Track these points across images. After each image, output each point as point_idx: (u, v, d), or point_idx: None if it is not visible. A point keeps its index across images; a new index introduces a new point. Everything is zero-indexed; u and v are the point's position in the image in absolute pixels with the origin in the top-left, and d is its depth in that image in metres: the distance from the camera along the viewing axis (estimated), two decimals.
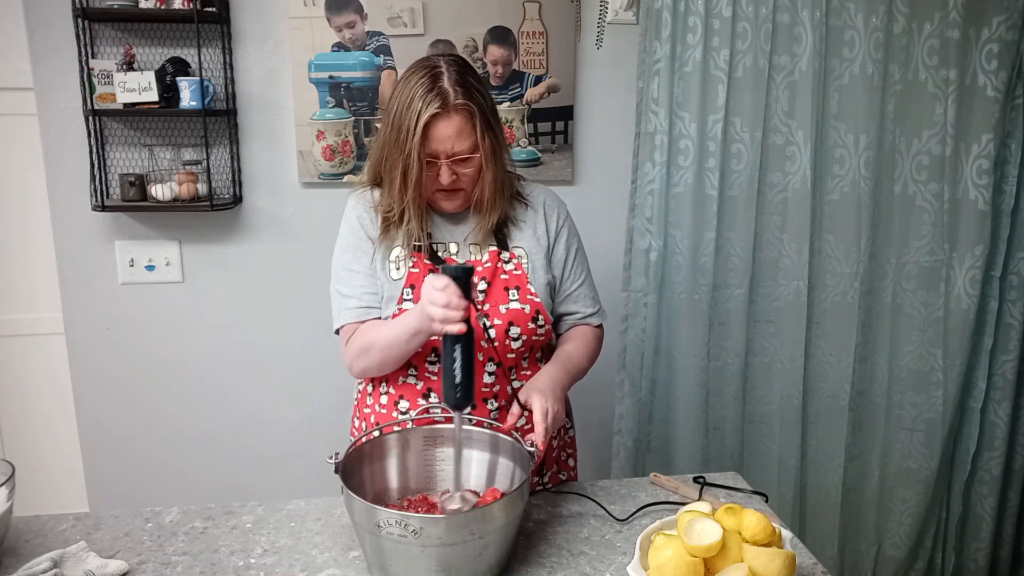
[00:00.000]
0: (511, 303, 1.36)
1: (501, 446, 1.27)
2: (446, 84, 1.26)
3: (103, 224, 2.07)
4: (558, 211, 1.46)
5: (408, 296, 1.34)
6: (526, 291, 1.38)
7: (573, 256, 1.46)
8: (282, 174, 2.12)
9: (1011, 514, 2.41)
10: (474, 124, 1.27)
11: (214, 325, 2.18)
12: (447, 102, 1.25)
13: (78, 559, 1.14)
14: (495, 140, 1.32)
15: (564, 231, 1.46)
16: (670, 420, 2.21)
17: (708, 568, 1.03)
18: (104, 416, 2.18)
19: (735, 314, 2.16)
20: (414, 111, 1.25)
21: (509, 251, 1.40)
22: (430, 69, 1.28)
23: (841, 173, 2.13)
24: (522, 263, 1.39)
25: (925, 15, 2.05)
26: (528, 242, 1.41)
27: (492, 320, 1.35)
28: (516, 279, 1.38)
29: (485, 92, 1.31)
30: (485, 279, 1.36)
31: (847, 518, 2.35)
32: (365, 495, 1.12)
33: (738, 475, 1.47)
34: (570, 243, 1.46)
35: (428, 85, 1.26)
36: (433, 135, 1.26)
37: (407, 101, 1.26)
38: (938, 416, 2.28)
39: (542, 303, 1.38)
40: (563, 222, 1.46)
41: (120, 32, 1.98)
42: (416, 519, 1.03)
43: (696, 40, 1.98)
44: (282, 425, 2.25)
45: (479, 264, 1.38)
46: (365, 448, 1.24)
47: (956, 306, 2.22)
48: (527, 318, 1.37)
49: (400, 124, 1.27)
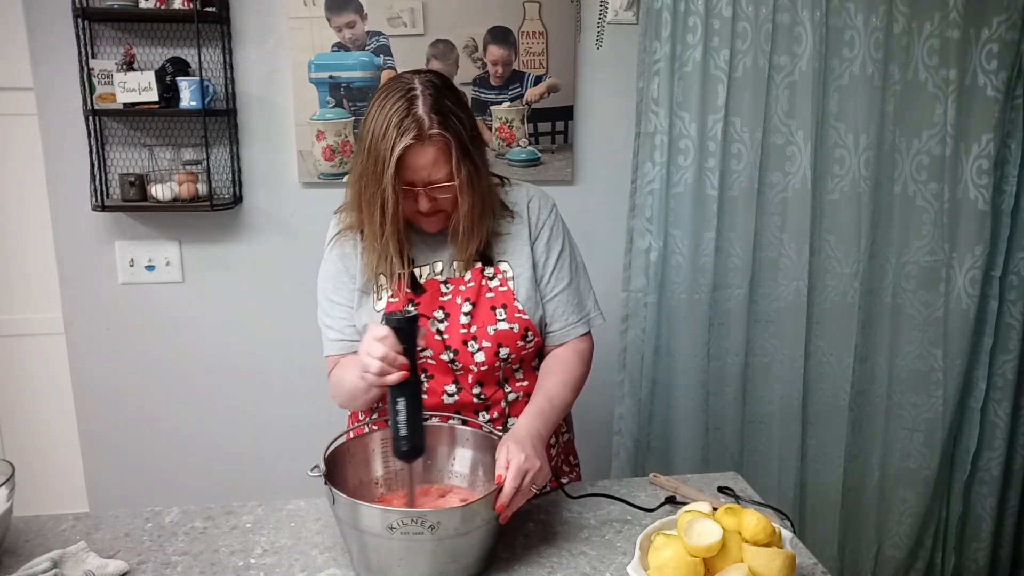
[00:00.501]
0: (499, 323, 1.33)
1: (489, 445, 1.26)
2: (421, 111, 1.20)
3: (103, 224, 2.07)
4: (540, 211, 1.40)
5: None
6: (513, 309, 1.34)
7: (556, 257, 1.39)
8: (282, 174, 2.12)
9: (1011, 514, 2.41)
10: (450, 154, 1.23)
11: (214, 325, 2.18)
12: (422, 132, 1.20)
13: (78, 559, 1.14)
14: (472, 168, 1.26)
15: (545, 231, 1.39)
16: (670, 420, 2.21)
17: (708, 568, 1.03)
18: (104, 416, 2.18)
19: (735, 314, 2.16)
20: (388, 141, 1.20)
21: (494, 266, 1.36)
22: (405, 92, 1.22)
23: (841, 173, 2.13)
24: (507, 278, 1.35)
25: (925, 15, 2.05)
26: (514, 254, 1.37)
27: (480, 343, 1.32)
28: (502, 296, 1.34)
29: (464, 116, 1.26)
30: (470, 300, 1.33)
31: (847, 518, 2.35)
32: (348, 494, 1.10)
33: (738, 475, 1.47)
34: (552, 244, 1.39)
35: (403, 111, 1.20)
36: (408, 164, 1.22)
37: (382, 130, 1.21)
38: (938, 416, 2.28)
39: (531, 320, 1.34)
40: (544, 221, 1.39)
41: (120, 32, 1.98)
42: (433, 514, 1.03)
43: (696, 40, 1.98)
44: (282, 425, 2.25)
45: (461, 283, 1.34)
46: (342, 449, 1.23)
47: (956, 306, 2.22)
48: (516, 337, 1.33)
49: (376, 154, 1.22)
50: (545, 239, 1.39)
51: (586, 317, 1.42)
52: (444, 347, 1.32)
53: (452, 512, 1.05)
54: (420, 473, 1.26)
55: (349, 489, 1.17)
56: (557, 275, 1.39)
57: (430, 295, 1.34)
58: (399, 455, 1.15)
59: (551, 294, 1.39)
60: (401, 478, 1.27)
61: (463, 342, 1.32)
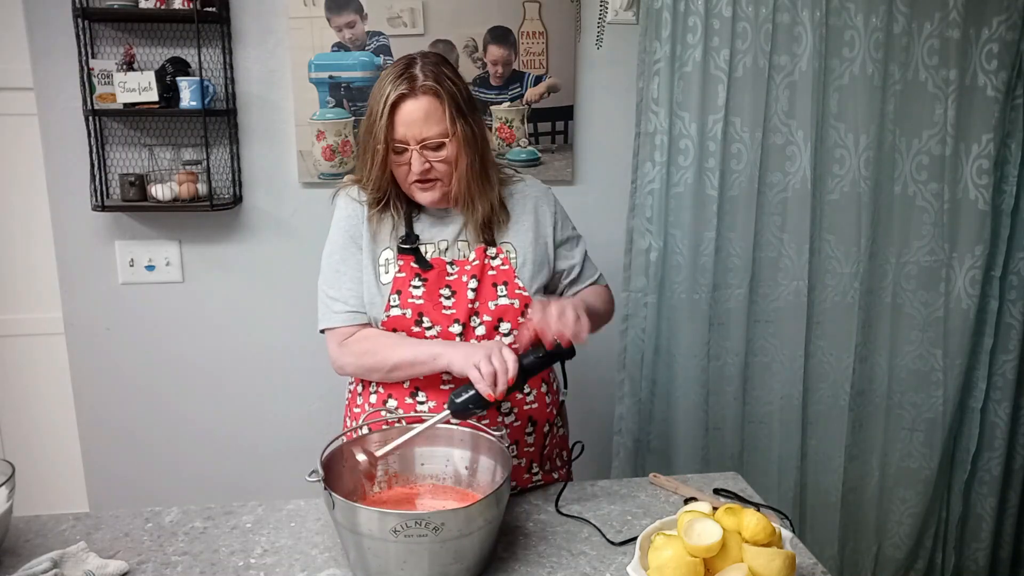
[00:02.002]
0: (500, 299, 1.37)
1: (482, 444, 1.26)
2: (416, 70, 1.28)
3: (103, 224, 2.07)
4: (546, 203, 1.47)
5: (395, 303, 1.34)
6: (514, 286, 1.38)
7: (574, 243, 1.50)
8: (282, 174, 2.12)
9: (1011, 514, 2.41)
10: (443, 108, 1.27)
11: (214, 325, 2.18)
12: (414, 84, 1.26)
13: (78, 559, 1.14)
14: (470, 128, 1.31)
15: (559, 223, 1.47)
16: (670, 420, 2.21)
17: (708, 568, 1.03)
18: (104, 416, 2.18)
19: (735, 314, 2.16)
20: (383, 94, 1.27)
21: (496, 246, 1.40)
22: (405, 59, 1.31)
23: (841, 173, 2.13)
24: (510, 258, 1.39)
25: (925, 15, 2.05)
26: (518, 238, 1.41)
27: (482, 317, 1.36)
28: (504, 274, 1.38)
29: (460, 82, 1.32)
30: (476, 277, 1.37)
31: (847, 518, 2.35)
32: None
33: (738, 475, 1.47)
34: (563, 231, 1.48)
35: (400, 71, 1.28)
36: (400, 118, 1.27)
37: (379, 88, 1.29)
38: (938, 416, 2.28)
39: (531, 297, 1.38)
40: (555, 213, 1.47)
41: (120, 32, 1.98)
42: (436, 516, 1.03)
43: (696, 40, 1.98)
44: (282, 425, 2.25)
45: (467, 263, 1.38)
46: (338, 452, 1.22)
47: (956, 306, 2.22)
48: (516, 312, 1.37)
49: (371, 110, 1.29)
50: (561, 222, 1.48)
51: (600, 275, 1.56)
52: (453, 321, 1.34)
53: (455, 513, 1.05)
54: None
55: (346, 491, 1.17)
56: (578, 248, 1.52)
57: (437, 272, 1.37)
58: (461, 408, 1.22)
59: (574, 273, 1.50)
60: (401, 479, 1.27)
61: (468, 317, 1.35)
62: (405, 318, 1.34)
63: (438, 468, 1.28)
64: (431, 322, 1.35)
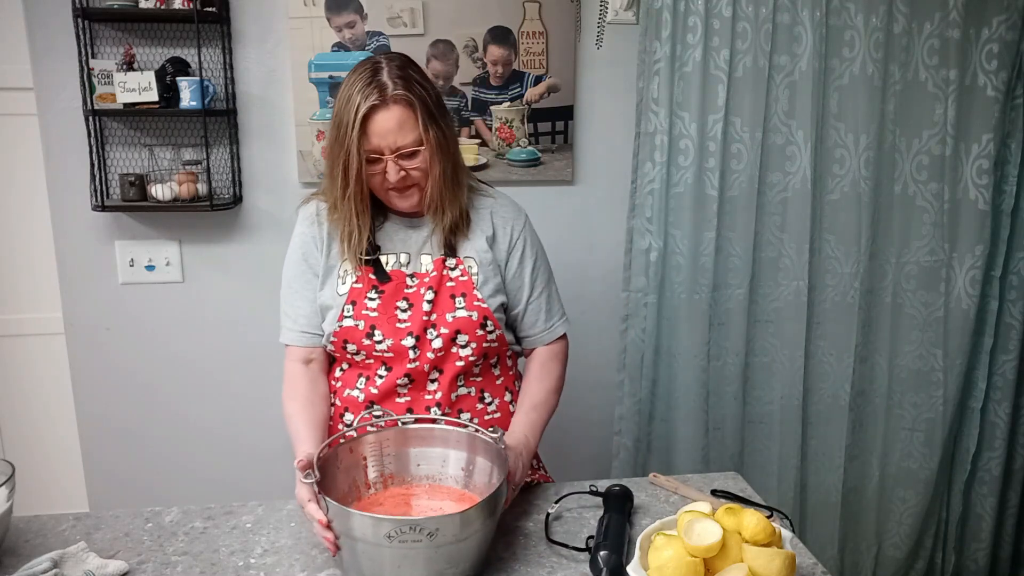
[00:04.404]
0: (458, 311, 1.34)
1: (479, 445, 1.25)
2: (385, 77, 1.24)
3: (103, 224, 2.07)
4: (513, 223, 1.43)
5: (349, 313, 1.33)
6: (472, 297, 1.35)
7: (531, 268, 1.43)
8: (282, 174, 2.12)
9: (1011, 514, 2.41)
10: (416, 115, 1.25)
11: (214, 325, 2.18)
12: (385, 95, 1.23)
13: (78, 559, 1.14)
14: (441, 133, 1.29)
15: (520, 244, 1.42)
16: (670, 420, 2.21)
17: (708, 568, 1.03)
18: (104, 416, 2.18)
19: (735, 314, 2.16)
20: (353, 104, 1.23)
21: (456, 258, 1.37)
22: (371, 65, 1.26)
23: (841, 173, 2.13)
24: (468, 270, 1.37)
25: (925, 15, 2.05)
26: (479, 252, 1.38)
27: (439, 329, 1.33)
28: (462, 285, 1.36)
29: (428, 85, 1.29)
30: (432, 288, 1.34)
31: (847, 518, 2.35)
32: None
33: (738, 475, 1.47)
34: (525, 257, 1.42)
35: (367, 79, 1.24)
36: (373, 129, 1.24)
37: (346, 98, 1.25)
38: (938, 416, 2.28)
39: (489, 308, 1.36)
40: (519, 235, 1.42)
41: (120, 32, 1.98)
42: (431, 521, 1.01)
43: (696, 40, 1.98)
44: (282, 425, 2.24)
45: (426, 276, 1.36)
46: (332, 455, 1.22)
47: (956, 306, 2.22)
48: (475, 325, 1.34)
49: (340, 121, 1.25)
50: (520, 252, 1.42)
51: (563, 319, 1.49)
52: (406, 334, 1.33)
53: (451, 519, 1.03)
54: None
55: (341, 492, 1.17)
56: (536, 284, 1.44)
57: (395, 285, 1.35)
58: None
59: (531, 300, 1.44)
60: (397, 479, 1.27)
61: (424, 329, 1.33)
62: (357, 329, 1.33)
63: (434, 469, 1.28)
64: (383, 335, 1.33)
